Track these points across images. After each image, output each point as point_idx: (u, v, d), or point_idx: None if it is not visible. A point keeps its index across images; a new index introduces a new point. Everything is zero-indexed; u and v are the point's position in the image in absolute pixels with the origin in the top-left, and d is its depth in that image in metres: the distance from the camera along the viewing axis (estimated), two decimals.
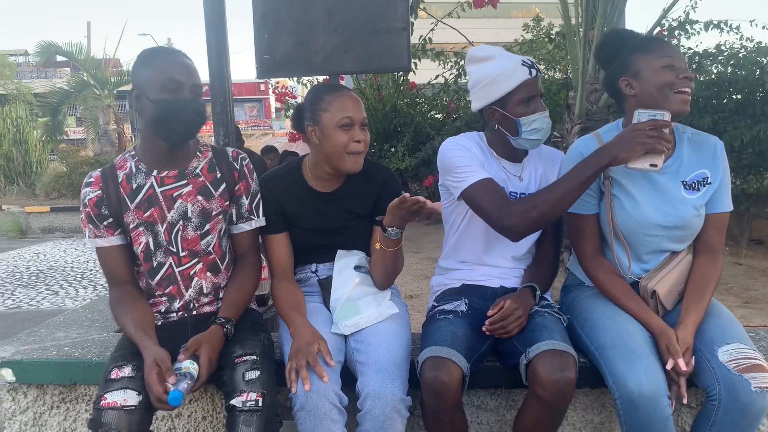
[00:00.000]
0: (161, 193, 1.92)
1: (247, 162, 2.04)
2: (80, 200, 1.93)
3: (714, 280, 1.92)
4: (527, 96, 1.97)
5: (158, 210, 1.91)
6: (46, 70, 30.54)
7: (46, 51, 15.03)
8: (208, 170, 1.98)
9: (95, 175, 1.93)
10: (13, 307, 5.99)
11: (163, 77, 1.80)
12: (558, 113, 5.83)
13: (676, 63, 1.83)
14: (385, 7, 3.87)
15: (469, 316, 1.99)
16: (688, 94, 1.83)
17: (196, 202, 1.94)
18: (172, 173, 1.93)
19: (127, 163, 1.94)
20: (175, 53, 1.88)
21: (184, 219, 1.93)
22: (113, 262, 1.95)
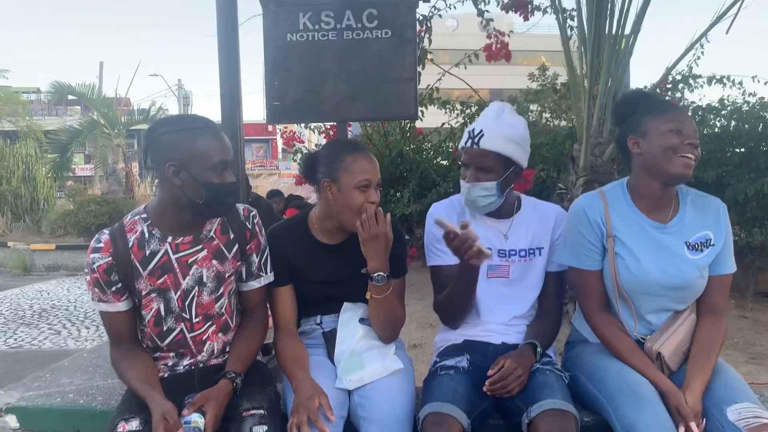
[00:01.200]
0: (176, 260, 1.89)
1: (257, 220, 2.04)
2: (87, 264, 1.85)
3: (719, 342, 1.92)
4: (463, 161, 2.08)
5: (172, 277, 1.89)
6: (57, 107, 30.99)
7: (58, 91, 15.35)
8: (221, 232, 1.97)
9: (104, 240, 1.86)
10: (15, 346, 5.97)
11: (214, 159, 1.78)
12: (563, 163, 5.90)
13: (684, 129, 1.87)
14: (394, 57, 3.96)
15: (471, 372, 1.99)
16: (692, 160, 1.86)
17: (211, 266, 1.93)
18: (188, 239, 1.91)
19: (138, 226, 1.88)
20: (215, 128, 1.85)
21: (199, 285, 1.92)
22: (117, 325, 1.91)
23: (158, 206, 1.89)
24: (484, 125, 2.03)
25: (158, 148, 1.81)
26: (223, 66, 3.08)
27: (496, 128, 2.02)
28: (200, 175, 1.78)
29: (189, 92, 36.30)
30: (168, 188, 1.83)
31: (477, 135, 2.01)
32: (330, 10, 3.88)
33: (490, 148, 2.01)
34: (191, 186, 1.79)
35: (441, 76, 6.92)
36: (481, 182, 2.03)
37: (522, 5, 5.44)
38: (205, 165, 1.78)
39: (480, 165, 2.03)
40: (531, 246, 2.14)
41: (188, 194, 1.80)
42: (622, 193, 2.02)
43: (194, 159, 1.78)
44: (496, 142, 2.01)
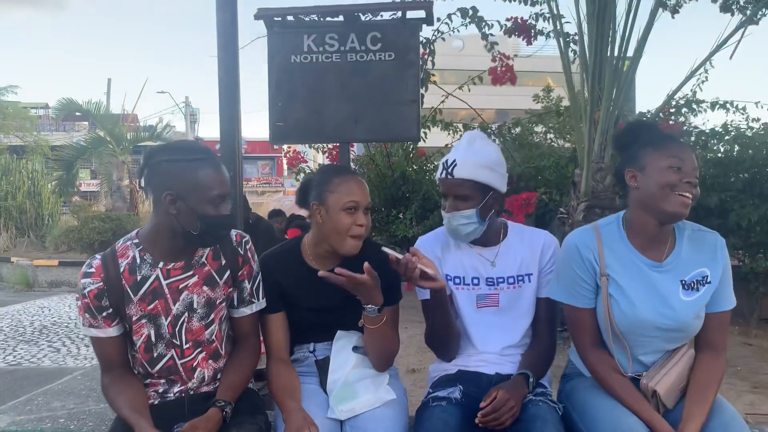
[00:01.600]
0: (167, 286, 1.88)
1: (250, 245, 2.04)
2: (78, 289, 1.84)
3: (717, 381, 1.88)
4: (442, 192, 2.11)
5: (163, 303, 1.88)
6: (65, 123, 31.22)
7: (66, 108, 15.46)
8: (213, 258, 1.96)
9: (96, 265, 1.85)
10: (13, 363, 5.93)
11: (212, 193, 1.79)
12: (566, 186, 5.90)
13: (684, 166, 1.82)
14: (397, 80, 3.98)
15: (463, 403, 1.97)
16: (689, 199, 1.81)
17: (201, 292, 1.92)
18: (179, 265, 1.89)
19: (130, 251, 1.87)
20: (215, 160, 1.85)
21: (189, 311, 1.91)
22: (108, 351, 1.89)
23: (151, 232, 1.88)
24: (456, 155, 2.06)
25: (156, 174, 1.80)
26: (223, 87, 3.10)
27: (468, 156, 2.05)
28: (197, 207, 1.78)
29: (196, 110, 36.51)
30: (163, 215, 1.82)
31: (450, 165, 2.04)
32: (334, 33, 3.91)
33: (465, 177, 2.03)
34: (187, 217, 1.79)
35: (444, 98, 6.95)
36: (461, 211, 2.04)
37: (525, 29, 5.48)
38: (203, 197, 1.78)
39: (457, 194, 2.05)
40: (519, 272, 2.12)
41: (183, 224, 1.79)
42: (617, 229, 1.98)
43: (193, 190, 1.78)
44: (470, 169, 2.03)
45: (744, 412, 3.59)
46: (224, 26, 3.08)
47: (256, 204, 20.50)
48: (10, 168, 15.49)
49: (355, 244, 2.02)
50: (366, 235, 2.05)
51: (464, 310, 2.15)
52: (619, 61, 4.02)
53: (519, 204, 4.99)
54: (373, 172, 8.09)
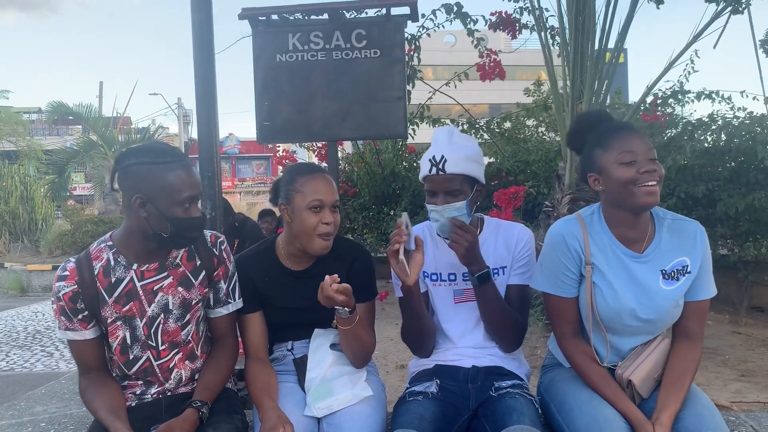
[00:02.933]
0: (141, 287, 1.88)
1: (225, 246, 2.04)
2: (53, 292, 1.84)
3: (692, 370, 1.89)
4: (428, 189, 2.08)
5: (137, 304, 1.88)
6: (58, 127, 31.16)
7: (56, 111, 15.46)
8: (188, 258, 1.96)
9: (70, 268, 1.85)
10: (6, 369, 5.94)
11: (182, 195, 1.78)
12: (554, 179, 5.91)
13: (637, 155, 1.81)
14: (383, 77, 3.99)
15: (440, 398, 1.98)
16: (654, 185, 1.80)
17: (176, 293, 1.92)
18: (153, 266, 1.90)
19: (104, 254, 1.88)
20: (185, 162, 1.83)
21: (165, 312, 1.91)
22: (85, 354, 1.89)
23: (124, 234, 1.89)
24: (443, 151, 2.03)
25: (127, 177, 1.80)
26: (200, 87, 3.09)
27: (455, 151, 2.03)
28: (166, 210, 1.78)
29: (189, 110, 36.42)
30: (134, 219, 1.82)
31: (440, 161, 2.01)
32: (319, 31, 3.92)
33: (456, 172, 2.01)
34: (157, 219, 1.79)
35: (432, 94, 6.96)
36: (452, 203, 2.03)
37: (509, 24, 5.47)
38: (173, 200, 1.78)
39: (449, 189, 2.03)
40: (495, 266, 2.13)
41: (153, 227, 1.80)
42: (598, 220, 1.98)
43: (162, 193, 1.77)
44: (460, 164, 2.02)
45: (730, 400, 3.61)
46: (200, 27, 3.07)
47: (251, 204, 20.47)
48: (3, 173, 15.47)
49: (323, 244, 2.03)
50: (335, 232, 2.06)
51: (442, 307, 2.16)
52: (600, 53, 4.03)
53: (507, 198, 4.99)
54: (363, 169, 8.09)
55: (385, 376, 4.00)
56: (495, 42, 6.13)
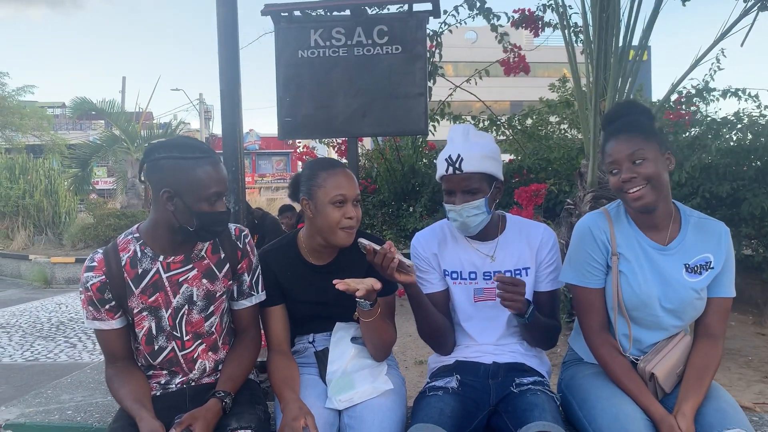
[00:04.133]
0: (167, 279, 1.91)
1: (249, 239, 2.07)
2: (81, 283, 1.87)
3: (714, 366, 1.89)
4: (446, 188, 2.06)
5: (163, 295, 1.91)
6: (81, 122, 31.58)
7: (80, 107, 15.66)
8: (212, 251, 1.99)
9: (98, 259, 1.88)
10: (31, 359, 6.05)
11: (209, 191, 1.80)
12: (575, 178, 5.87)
13: (620, 164, 1.85)
14: (404, 73, 3.99)
15: (460, 393, 1.98)
16: (638, 190, 1.84)
17: (201, 285, 1.95)
18: (179, 258, 1.93)
19: (131, 245, 1.90)
20: (213, 158, 1.85)
21: (189, 303, 1.94)
22: (111, 343, 1.92)
23: (151, 226, 1.91)
24: (459, 150, 2.01)
25: (155, 170, 1.83)
26: (225, 84, 3.12)
27: (471, 149, 2.02)
28: (193, 205, 1.80)
29: (211, 106, 36.69)
30: (161, 212, 1.85)
31: (457, 161, 2.00)
32: (341, 27, 3.93)
33: (473, 170, 2.00)
34: (183, 213, 1.81)
35: (453, 91, 6.93)
36: (470, 202, 2.02)
37: (532, 21, 5.45)
38: (200, 195, 1.80)
39: (466, 188, 2.02)
40: (517, 266, 2.12)
41: (179, 220, 1.82)
42: (624, 212, 2.01)
43: (190, 188, 1.80)
44: (477, 162, 2.01)
45: (753, 401, 3.57)
46: (224, 23, 3.10)
47: (271, 199, 20.59)
48: (28, 167, 15.69)
49: (346, 236, 2.04)
50: (357, 226, 2.07)
51: (462, 305, 2.16)
52: (624, 51, 3.99)
53: (528, 195, 4.97)
54: (383, 166, 8.09)
55: (404, 372, 4.01)
56: (516, 39, 6.09)
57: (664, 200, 1.90)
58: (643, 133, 1.85)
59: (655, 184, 1.84)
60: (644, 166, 1.83)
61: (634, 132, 1.86)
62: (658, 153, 1.85)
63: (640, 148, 1.83)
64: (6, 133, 24.26)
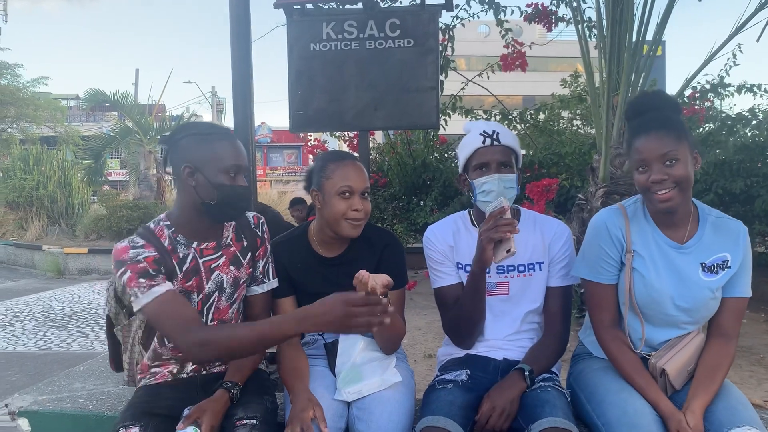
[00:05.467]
0: (202, 264, 1.94)
1: (265, 227, 2.11)
2: (127, 259, 1.77)
3: (726, 365, 1.88)
4: (480, 163, 2.04)
5: (198, 281, 1.93)
6: (94, 113, 31.78)
7: (93, 98, 15.75)
8: (236, 239, 2.03)
9: (143, 242, 1.83)
10: (44, 348, 6.12)
11: (227, 162, 1.84)
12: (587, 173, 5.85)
13: (650, 162, 1.81)
14: (416, 66, 3.98)
15: (470, 386, 1.99)
16: (665, 193, 1.81)
17: (229, 272, 1.98)
18: (211, 245, 1.96)
19: (164, 232, 1.91)
20: (231, 136, 1.92)
21: (219, 290, 1.97)
22: (179, 306, 1.76)
23: (179, 212, 1.94)
24: (492, 127, 2.06)
25: (176, 151, 1.88)
26: (237, 78, 3.13)
27: (502, 129, 2.07)
28: (214, 177, 1.83)
29: (223, 99, 36.83)
30: (185, 192, 1.88)
31: (493, 134, 2.03)
32: (353, 20, 3.92)
33: (508, 144, 2.04)
34: (205, 187, 1.84)
35: (464, 85, 6.92)
36: (506, 174, 2.03)
37: (545, 16, 5.42)
38: (219, 167, 1.84)
39: (501, 160, 2.03)
40: (530, 261, 2.12)
41: (202, 195, 1.85)
42: (642, 209, 1.99)
43: (209, 161, 1.84)
44: (510, 139, 2.06)
45: (764, 399, 3.55)
46: (237, 17, 3.11)
47: (282, 192, 20.63)
48: (42, 158, 15.80)
49: (352, 227, 2.05)
50: (365, 219, 2.08)
51: None
52: (638, 45, 3.96)
53: (540, 190, 4.96)
54: (394, 159, 8.09)
55: (413, 365, 4.01)
56: (530, 33, 6.09)
57: (686, 199, 1.89)
58: (676, 132, 1.80)
59: (685, 186, 1.80)
60: (676, 168, 1.78)
61: (667, 130, 1.80)
62: (689, 153, 1.81)
63: (673, 149, 1.78)
64: (20, 125, 24.44)
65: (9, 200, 14.99)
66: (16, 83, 23.97)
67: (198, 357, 1.77)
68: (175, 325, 1.71)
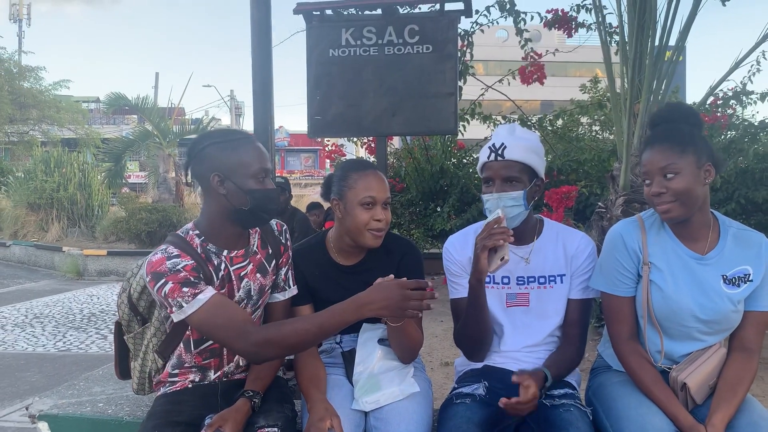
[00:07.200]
0: (233, 272, 1.94)
1: (288, 234, 2.11)
2: (165, 271, 1.74)
3: (748, 380, 1.85)
4: (485, 177, 2.04)
5: (230, 289, 1.93)
6: (115, 116, 32.13)
7: (114, 102, 15.93)
8: (261, 246, 2.03)
9: (178, 251, 1.80)
10: (63, 349, 6.18)
11: (255, 167, 1.85)
12: (607, 180, 5.79)
13: (651, 176, 1.84)
14: (434, 72, 3.99)
15: (487, 400, 1.96)
16: (664, 206, 1.84)
17: (256, 279, 1.99)
18: (240, 252, 1.96)
19: (195, 241, 1.90)
20: (253, 139, 1.92)
21: (247, 298, 1.97)
22: (230, 305, 1.78)
23: (207, 221, 1.93)
24: (503, 140, 2.00)
25: (202, 160, 1.87)
26: (257, 84, 3.15)
27: (515, 140, 2.00)
28: (243, 183, 1.84)
29: (241, 103, 37.11)
30: (214, 200, 1.88)
31: (499, 147, 1.99)
32: (372, 26, 3.94)
33: (514, 158, 1.98)
34: (236, 194, 1.85)
35: (484, 91, 6.90)
36: (508, 192, 1.99)
37: (565, 22, 5.39)
38: (247, 173, 1.85)
39: (506, 176, 1.99)
40: (552, 273, 2.09)
41: (233, 202, 1.85)
42: (661, 221, 1.96)
43: (237, 168, 1.84)
44: (518, 152, 1.99)
45: None
46: (259, 23, 3.13)
47: (299, 196, 20.70)
48: (63, 160, 15.97)
49: (374, 237, 2.05)
50: (386, 228, 2.08)
51: (493, 310, 2.12)
52: (660, 52, 3.92)
53: (559, 197, 4.92)
54: (411, 165, 8.08)
55: (430, 373, 4.00)
56: (549, 38, 6.07)
57: (699, 211, 1.87)
58: (680, 145, 1.80)
59: (684, 200, 1.80)
60: (675, 182, 1.79)
61: (669, 143, 1.82)
62: (694, 166, 1.80)
63: (672, 162, 1.79)
64: (42, 127, 24.77)
65: (30, 202, 15.15)
66: (38, 86, 24.33)
67: (261, 357, 1.79)
68: (229, 329, 1.72)
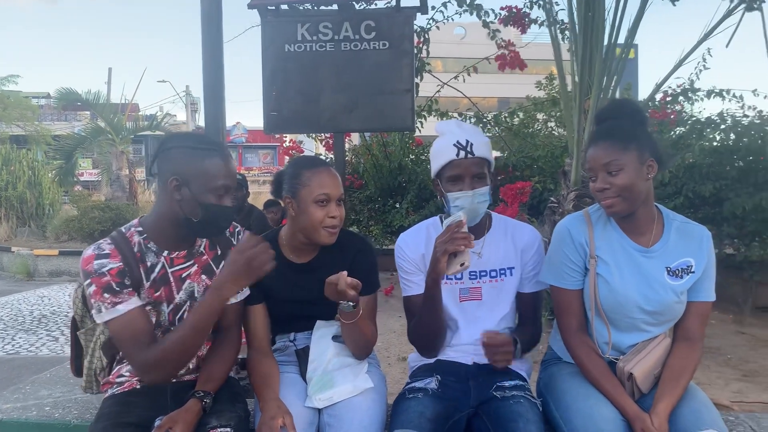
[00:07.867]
0: (171, 274, 1.90)
1: (242, 236, 2.06)
2: (90, 272, 1.75)
3: (691, 369, 1.91)
4: (454, 175, 2.02)
5: (167, 291, 1.90)
6: (66, 113, 31.26)
7: (65, 97, 15.45)
8: (210, 248, 1.99)
9: (109, 248, 1.80)
10: (12, 352, 5.99)
11: (217, 182, 1.80)
12: None
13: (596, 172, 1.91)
14: (391, 69, 3.98)
15: (440, 394, 1.97)
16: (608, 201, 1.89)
17: (201, 281, 1.95)
18: (182, 253, 1.92)
19: (135, 238, 1.87)
20: (226, 153, 1.86)
21: (191, 299, 1.94)
22: (140, 323, 1.78)
23: (155, 220, 1.90)
24: (466, 136, 2.00)
25: (167, 159, 1.83)
26: (208, 79, 3.09)
27: (475, 136, 2.02)
28: (200, 195, 1.80)
29: (197, 98, 36.46)
30: (167, 202, 1.84)
31: (467, 145, 1.99)
32: (328, 22, 3.91)
33: (482, 156, 2.01)
34: (189, 203, 1.81)
35: (440, 88, 6.93)
36: (480, 188, 2.01)
37: (519, 18, 5.46)
38: (207, 186, 1.80)
39: (476, 173, 2.00)
40: (503, 266, 2.12)
41: (185, 210, 1.82)
42: (607, 214, 2.01)
43: (198, 178, 1.80)
44: (484, 149, 2.02)
45: (731, 400, 3.61)
46: (209, 16, 3.08)
47: (257, 193, 20.48)
48: (11, 158, 15.50)
49: (329, 234, 2.04)
50: (340, 225, 2.07)
51: (446, 305, 2.12)
52: (610, 49, 4.00)
53: (514, 193, 5.00)
54: (370, 161, 8.08)
55: (386, 368, 4.03)
56: (505, 35, 6.10)
57: (643, 205, 1.92)
58: (622, 141, 1.86)
59: (627, 195, 1.86)
60: (618, 177, 1.85)
61: (612, 139, 1.87)
62: (636, 162, 1.85)
63: (615, 158, 1.85)
64: None
65: None
66: None
67: (154, 377, 1.81)
68: (130, 346, 1.77)
